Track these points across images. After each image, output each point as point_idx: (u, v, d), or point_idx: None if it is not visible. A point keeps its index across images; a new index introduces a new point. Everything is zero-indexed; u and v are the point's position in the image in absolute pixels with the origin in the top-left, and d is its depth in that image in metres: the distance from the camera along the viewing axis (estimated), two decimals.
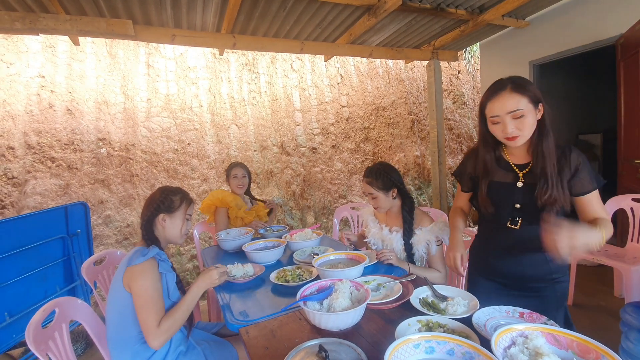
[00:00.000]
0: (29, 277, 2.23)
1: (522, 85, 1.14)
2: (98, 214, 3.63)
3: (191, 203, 1.47)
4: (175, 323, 1.25)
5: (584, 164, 1.17)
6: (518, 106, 1.12)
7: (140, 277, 1.23)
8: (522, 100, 1.12)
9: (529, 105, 1.13)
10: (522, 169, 1.25)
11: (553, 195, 1.14)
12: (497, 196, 1.29)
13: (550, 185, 1.15)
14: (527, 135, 1.16)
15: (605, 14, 3.22)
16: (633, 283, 2.16)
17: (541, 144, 1.17)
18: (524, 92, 1.12)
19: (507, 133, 1.15)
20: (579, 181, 1.16)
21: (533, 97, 1.13)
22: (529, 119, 1.13)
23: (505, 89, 1.14)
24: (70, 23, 2.63)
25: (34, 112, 3.53)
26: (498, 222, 1.31)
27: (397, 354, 0.80)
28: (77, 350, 2.41)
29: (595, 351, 0.78)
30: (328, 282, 1.24)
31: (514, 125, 1.14)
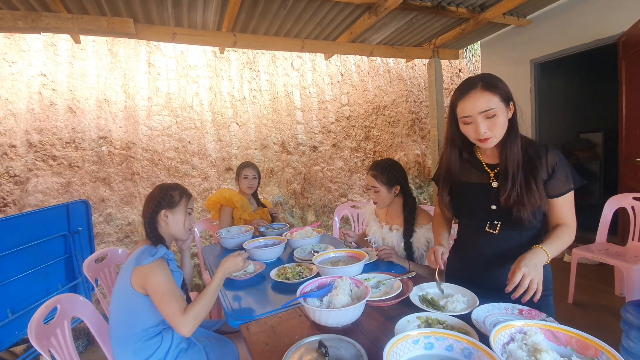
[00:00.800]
0: (31, 274, 2.24)
1: (493, 83, 1.10)
2: (99, 212, 3.64)
3: (191, 197, 1.48)
4: (202, 309, 1.25)
5: (560, 165, 1.12)
6: (489, 105, 1.08)
7: (152, 274, 1.24)
8: (494, 99, 1.08)
9: (501, 104, 1.09)
10: (493, 168, 1.21)
11: (512, 196, 1.11)
12: (472, 198, 1.25)
13: (511, 186, 1.11)
14: (500, 135, 1.12)
15: (607, 12, 3.21)
16: (634, 282, 2.16)
17: (508, 143, 1.13)
18: (494, 91, 1.08)
19: (479, 134, 1.11)
20: (554, 182, 1.12)
21: (504, 96, 1.09)
22: (501, 119, 1.09)
23: (476, 88, 1.10)
24: (71, 22, 2.64)
25: (36, 111, 3.54)
26: (476, 226, 1.26)
27: (397, 350, 0.80)
28: (78, 347, 2.42)
29: (594, 347, 0.78)
30: (328, 279, 1.25)
31: (486, 125, 1.09)
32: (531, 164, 1.13)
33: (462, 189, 1.29)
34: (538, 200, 1.10)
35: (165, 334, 1.35)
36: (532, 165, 1.13)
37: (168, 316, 1.21)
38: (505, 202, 1.13)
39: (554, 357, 0.75)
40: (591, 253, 2.43)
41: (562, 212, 1.15)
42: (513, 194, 1.11)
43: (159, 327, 1.31)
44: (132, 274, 1.26)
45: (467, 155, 1.29)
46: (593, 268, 3.16)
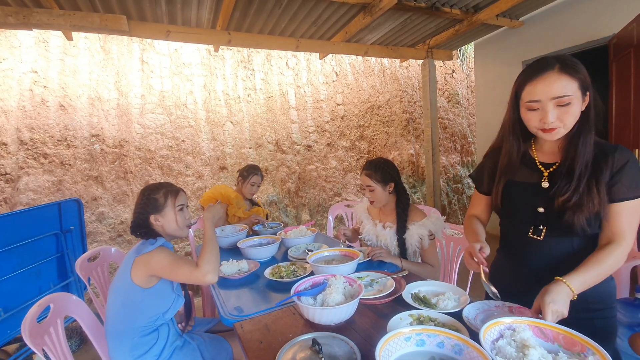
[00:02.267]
0: (23, 273, 2.22)
1: (573, 66, 0.93)
2: (91, 211, 3.61)
3: (178, 193, 1.43)
4: (211, 255, 1.30)
5: (630, 167, 0.95)
6: (566, 91, 0.91)
7: (155, 256, 1.25)
8: (572, 84, 0.92)
9: (578, 92, 0.93)
10: (548, 167, 1.06)
11: (573, 198, 0.95)
12: (518, 198, 1.10)
13: (575, 186, 0.96)
14: (568, 127, 0.96)
15: (598, 15, 3.26)
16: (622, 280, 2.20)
17: (579, 140, 0.97)
18: (574, 75, 0.92)
19: (546, 123, 0.95)
20: (616, 185, 0.95)
21: (583, 83, 0.93)
22: (575, 109, 0.93)
23: (553, 69, 0.93)
24: (63, 18, 2.61)
25: (27, 108, 3.49)
26: (519, 231, 1.10)
27: (389, 347, 0.81)
28: (71, 346, 2.40)
29: (580, 344, 0.80)
30: (322, 278, 1.26)
31: (557, 114, 0.94)
32: (596, 165, 0.97)
33: (509, 189, 1.13)
34: (597, 205, 0.95)
35: (162, 330, 1.35)
36: (597, 165, 0.97)
37: (186, 277, 1.24)
38: (563, 203, 0.98)
39: (542, 353, 0.77)
40: None
41: (619, 222, 0.97)
42: (575, 196, 0.96)
43: (157, 322, 1.32)
44: (133, 265, 1.26)
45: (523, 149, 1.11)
46: None
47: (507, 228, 1.19)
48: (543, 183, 1.04)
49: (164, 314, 1.32)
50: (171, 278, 1.28)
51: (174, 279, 1.28)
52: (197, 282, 1.24)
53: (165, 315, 1.33)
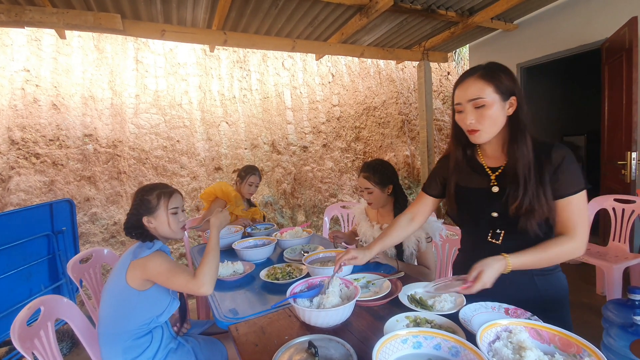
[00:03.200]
0: (13, 275, 2.18)
1: (492, 72, 1.01)
2: (84, 212, 3.56)
3: (172, 195, 1.40)
4: (210, 265, 1.27)
5: (567, 163, 1.01)
6: (479, 94, 0.99)
7: (152, 262, 1.23)
8: (486, 88, 0.99)
9: (494, 95, 0.99)
10: (494, 171, 1.11)
11: (524, 204, 1.00)
12: (472, 204, 1.15)
13: (523, 192, 1.00)
14: (489, 130, 1.02)
15: (591, 19, 3.30)
16: (614, 281, 2.22)
17: (513, 144, 1.03)
18: (489, 80, 0.99)
19: (466, 124, 1.03)
20: (558, 182, 1.01)
21: (501, 87, 0.99)
22: (492, 112, 1.00)
23: (474, 75, 1.02)
24: (56, 16, 2.57)
25: (18, 107, 3.44)
26: (477, 235, 1.16)
27: (386, 349, 0.81)
28: (62, 349, 2.36)
29: (576, 345, 0.81)
30: (318, 280, 1.25)
31: (474, 116, 1.01)
32: (538, 167, 1.02)
33: (461, 195, 1.19)
34: (546, 211, 1.00)
35: (155, 333, 1.33)
36: (540, 167, 1.02)
37: (181, 286, 1.22)
38: (516, 210, 1.01)
39: (538, 354, 0.77)
40: None
41: (566, 217, 1.01)
42: (525, 201, 1.00)
43: (150, 325, 1.30)
44: (128, 268, 1.24)
45: (469, 154, 1.17)
46: (575, 267, 3.25)
47: (467, 233, 1.25)
48: (493, 188, 1.09)
49: (158, 316, 1.30)
50: (166, 285, 1.26)
51: (168, 286, 1.26)
52: (192, 292, 1.22)
53: (160, 318, 1.31)
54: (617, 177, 2.83)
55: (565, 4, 3.50)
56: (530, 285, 1.11)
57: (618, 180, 2.84)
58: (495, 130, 1.03)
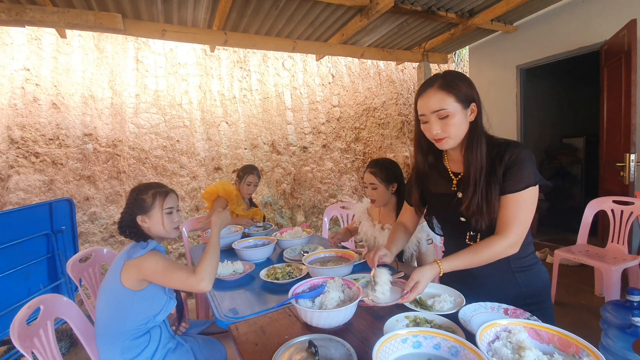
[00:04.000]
0: (12, 274, 2.17)
1: (451, 82, 1.03)
2: (83, 211, 3.56)
3: (167, 195, 1.39)
4: (210, 263, 1.27)
5: (517, 161, 1.02)
6: (442, 105, 1.02)
7: (148, 261, 1.22)
8: (447, 99, 1.02)
9: (455, 105, 1.02)
10: (457, 176, 1.15)
11: (472, 205, 1.04)
12: (441, 209, 1.20)
13: (472, 194, 1.04)
14: (456, 136, 1.05)
15: (590, 21, 3.32)
16: (613, 282, 2.23)
17: (470, 149, 1.06)
18: (450, 91, 1.02)
19: (431, 134, 1.07)
20: (505, 181, 1.03)
21: (461, 96, 1.03)
22: (455, 120, 1.03)
23: (433, 86, 1.05)
24: (57, 15, 2.57)
25: (18, 106, 3.44)
26: (456, 239, 1.19)
27: (385, 349, 0.81)
28: (61, 348, 2.36)
29: (575, 345, 0.81)
30: (320, 280, 1.25)
31: (439, 125, 1.04)
32: (491, 168, 1.05)
33: (432, 200, 1.24)
34: (496, 210, 1.04)
35: (153, 332, 1.33)
36: (492, 168, 1.05)
37: (180, 283, 1.21)
38: (465, 211, 1.06)
39: (537, 354, 0.78)
40: (572, 254, 2.50)
41: (503, 214, 1.03)
42: (473, 203, 1.04)
43: (148, 325, 1.29)
44: (123, 269, 1.23)
45: (434, 162, 1.22)
46: (574, 269, 3.26)
47: (446, 236, 1.29)
48: (458, 193, 1.12)
49: (154, 316, 1.30)
50: (164, 284, 1.25)
51: (166, 284, 1.25)
52: (191, 289, 1.21)
53: (157, 318, 1.31)
54: (616, 179, 2.84)
55: (565, 7, 3.51)
56: (512, 282, 1.14)
57: (617, 182, 2.85)
58: (460, 135, 1.06)
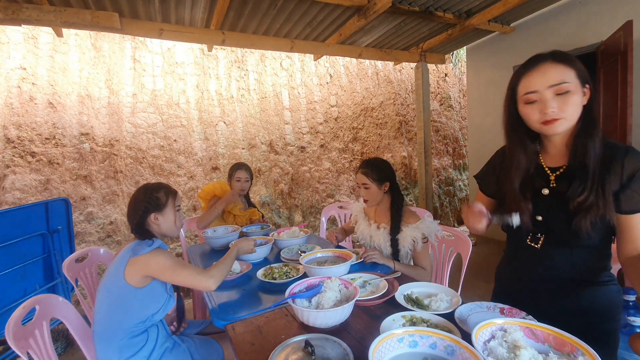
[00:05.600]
0: (8, 274, 2.16)
1: (567, 56, 0.91)
2: (80, 211, 3.54)
3: (176, 194, 1.48)
4: (221, 269, 1.34)
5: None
6: (564, 78, 0.87)
7: (154, 258, 1.24)
8: (569, 72, 0.88)
9: (577, 81, 0.88)
10: (554, 171, 0.99)
11: (590, 198, 0.88)
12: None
13: (590, 185, 0.89)
14: (571, 119, 0.90)
15: (587, 22, 3.33)
16: None
17: (586, 137, 0.91)
18: (570, 64, 0.89)
19: (547, 113, 0.89)
20: (629, 194, 0.88)
21: (581, 73, 0.89)
22: (575, 99, 0.88)
23: (547, 61, 0.90)
24: (54, 14, 2.56)
25: (14, 105, 3.42)
26: (518, 238, 1.07)
27: (382, 348, 0.81)
28: (57, 349, 2.35)
29: (570, 344, 0.81)
30: (317, 280, 1.25)
31: (557, 103, 0.88)
32: (603, 165, 0.91)
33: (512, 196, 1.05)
34: (602, 207, 0.88)
35: (151, 331, 1.33)
36: (605, 167, 0.90)
37: (189, 279, 1.24)
38: (579, 205, 0.91)
39: (532, 353, 0.78)
40: None
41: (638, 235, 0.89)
42: (591, 196, 0.88)
43: (146, 323, 1.30)
44: (127, 265, 1.24)
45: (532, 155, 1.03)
46: None
47: (509, 234, 1.15)
48: (543, 190, 0.99)
49: (153, 315, 1.30)
50: (170, 280, 1.27)
51: (173, 281, 1.27)
52: (198, 285, 1.24)
53: (155, 317, 1.31)
54: None
55: (562, 8, 3.53)
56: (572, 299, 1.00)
57: None
58: (575, 119, 0.91)
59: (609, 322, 0.99)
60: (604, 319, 0.98)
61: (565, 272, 0.98)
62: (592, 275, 0.98)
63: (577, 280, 0.99)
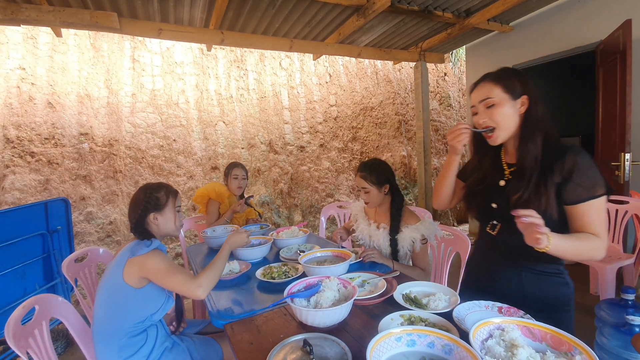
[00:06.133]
0: (7, 274, 2.16)
1: (502, 74, 1.09)
2: (79, 211, 3.55)
3: (177, 194, 1.47)
4: (212, 274, 1.28)
5: (581, 169, 1.00)
6: (488, 94, 1.07)
7: (150, 260, 1.24)
8: (495, 88, 1.07)
9: (503, 95, 1.06)
10: (511, 167, 1.16)
11: (525, 195, 1.03)
12: (480, 195, 1.22)
13: (525, 184, 1.04)
14: (504, 127, 1.08)
15: (586, 21, 3.33)
16: (608, 281, 2.25)
17: (524, 141, 1.07)
18: (498, 81, 1.08)
19: (480, 123, 1.10)
20: (571, 187, 1.00)
21: (509, 87, 1.06)
22: (502, 110, 1.06)
23: (482, 81, 1.12)
24: (53, 14, 2.56)
25: (14, 105, 3.42)
26: (481, 226, 1.22)
27: (380, 347, 0.82)
28: (57, 349, 2.35)
29: (567, 343, 0.82)
30: (316, 280, 1.25)
31: (486, 115, 1.08)
32: (548, 165, 1.04)
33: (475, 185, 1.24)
34: (544, 204, 1.01)
35: (150, 331, 1.33)
36: (549, 166, 1.03)
37: (178, 286, 1.22)
38: (516, 202, 1.04)
39: (530, 352, 0.78)
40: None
41: (585, 222, 1.00)
42: (524, 194, 1.03)
43: (145, 323, 1.30)
44: (126, 265, 1.24)
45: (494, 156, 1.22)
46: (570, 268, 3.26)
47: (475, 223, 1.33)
48: (500, 182, 1.15)
49: (152, 315, 1.30)
50: (162, 284, 1.26)
51: (165, 285, 1.26)
52: (187, 293, 1.22)
53: (154, 317, 1.31)
54: (611, 178, 2.86)
55: (561, 7, 3.52)
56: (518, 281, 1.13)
57: (612, 181, 2.87)
58: (509, 128, 1.08)
59: (558, 312, 1.10)
60: (547, 308, 1.09)
61: (517, 259, 1.09)
62: (541, 265, 1.11)
63: (525, 269, 1.12)
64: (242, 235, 1.51)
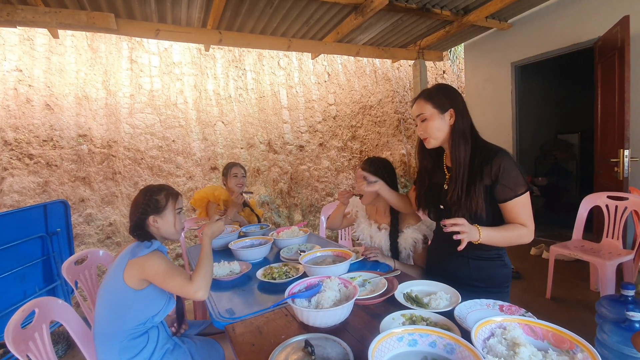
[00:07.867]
0: (7, 277, 2.16)
1: (431, 94, 1.30)
2: (79, 213, 3.54)
3: (177, 196, 1.45)
4: (205, 272, 1.28)
5: (505, 171, 1.19)
6: (421, 111, 1.29)
7: (150, 261, 1.23)
8: (426, 106, 1.28)
9: (433, 110, 1.27)
10: (450, 170, 1.35)
11: (455, 196, 1.24)
12: (430, 196, 1.42)
13: (454, 187, 1.24)
14: (436, 137, 1.29)
15: (584, 18, 3.33)
16: (608, 277, 2.25)
17: (453, 148, 1.27)
18: (428, 99, 1.29)
19: (419, 133, 1.33)
20: (499, 189, 1.20)
21: (438, 103, 1.27)
22: (433, 123, 1.28)
23: (417, 99, 1.33)
24: (49, 15, 2.55)
25: (11, 107, 3.41)
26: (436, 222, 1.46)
27: (382, 347, 0.81)
28: (57, 351, 2.35)
29: (569, 341, 0.82)
30: (317, 280, 1.25)
31: (422, 127, 1.31)
32: (478, 170, 1.22)
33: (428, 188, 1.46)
34: (474, 206, 1.20)
35: (152, 333, 1.33)
36: (479, 170, 1.22)
37: (176, 289, 1.22)
38: (449, 202, 1.26)
39: (532, 350, 0.78)
40: (568, 250, 2.51)
41: (514, 216, 1.21)
42: (454, 195, 1.24)
43: (147, 325, 1.29)
44: (126, 267, 1.23)
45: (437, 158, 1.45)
46: (570, 264, 3.28)
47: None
48: (445, 185, 1.34)
49: (153, 316, 1.30)
50: (162, 286, 1.25)
51: (164, 287, 1.25)
52: (187, 296, 1.22)
53: (155, 319, 1.31)
54: (610, 174, 2.86)
55: (559, 3, 3.52)
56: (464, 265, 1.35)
57: (611, 178, 2.87)
58: (440, 136, 1.30)
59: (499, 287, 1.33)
60: (490, 286, 1.32)
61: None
62: (484, 253, 1.32)
63: (472, 256, 1.33)
64: (217, 223, 1.51)
